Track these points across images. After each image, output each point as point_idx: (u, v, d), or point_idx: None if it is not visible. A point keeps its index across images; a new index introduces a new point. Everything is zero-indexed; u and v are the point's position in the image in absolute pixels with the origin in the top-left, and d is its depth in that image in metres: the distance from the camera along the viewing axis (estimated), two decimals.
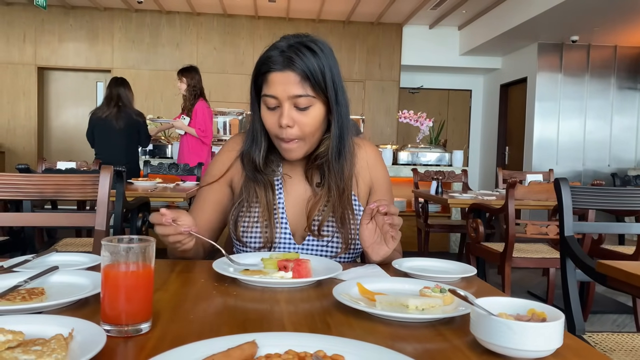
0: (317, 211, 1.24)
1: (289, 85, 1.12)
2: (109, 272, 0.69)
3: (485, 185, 8.96)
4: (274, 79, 1.14)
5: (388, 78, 8.24)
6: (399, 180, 5.34)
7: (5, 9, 7.64)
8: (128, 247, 0.69)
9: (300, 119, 1.15)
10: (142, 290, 0.70)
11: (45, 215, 1.53)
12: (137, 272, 0.69)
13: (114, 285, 0.69)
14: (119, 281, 0.69)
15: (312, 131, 1.17)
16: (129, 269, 0.69)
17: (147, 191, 3.20)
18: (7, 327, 0.61)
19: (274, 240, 1.22)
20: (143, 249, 0.70)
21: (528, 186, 2.99)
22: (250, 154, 1.25)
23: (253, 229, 1.23)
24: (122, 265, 0.69)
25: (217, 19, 7.95)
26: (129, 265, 0.69)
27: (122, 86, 4.30)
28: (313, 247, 1.24)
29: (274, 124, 1.16)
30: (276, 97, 1.14)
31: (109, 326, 0.68)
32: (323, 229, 1.23)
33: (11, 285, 0.84)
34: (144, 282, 0.70)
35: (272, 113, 1.16)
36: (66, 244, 2.80)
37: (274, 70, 1.13)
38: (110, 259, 0.69)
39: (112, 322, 0.68)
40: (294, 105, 1.14)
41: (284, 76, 1.13)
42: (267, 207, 1.23)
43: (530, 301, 0.73)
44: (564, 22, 6.37)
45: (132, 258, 0.69)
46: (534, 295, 3.84)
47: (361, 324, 0.76)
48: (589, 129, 7.61)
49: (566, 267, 1.68)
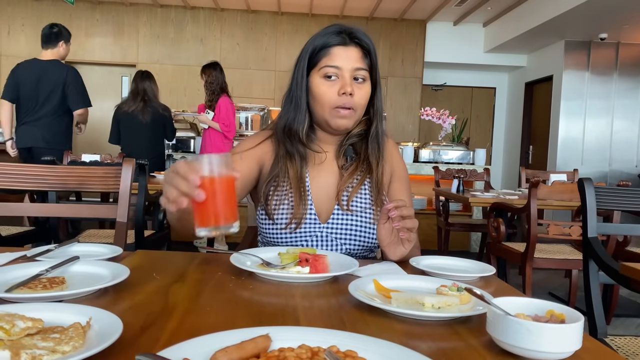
0: (345, 187, 1.30)
1: (353, 59, 1.25)
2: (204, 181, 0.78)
3: (508, 185, 8.84)
4: (337, 52, 1.25)
5: (411, 75, 8.18)
6: (420, 178, 5.31)
7: (35, 4, 7.80)
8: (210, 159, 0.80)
9: (357, 90, 1.24)
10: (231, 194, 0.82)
11: (69, 206, 1.56)
12: (228, 179, 0.81)
13: (211, 191, 0.79)
14: (215, 187, 0.79)
15: (364, 104, 1.28)
16: (222, 176, 0.80)
17: None
18: (27, 315, 0.62)
19: (302, 220, 1.25)
20: (226, 160, 0.81)
21: (551, 186, 2.94)
22: (293, 126, 1.30)
23: (282, 205, 1.27)
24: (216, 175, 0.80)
25: (241, 14, 7.98)
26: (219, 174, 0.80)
27: (148, 80, 4.31)
28: (337, 225, 1.27)
29: (333, 93, 1.24)
30: (339, 67, 1.24)
31: (206, 230, 0.80)
32: (352, 204, 1.28)
33: (33, 274, 0.86)
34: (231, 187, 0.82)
35: (330, 83, 1.25)
36: (89, 235, 2.85)
37: (338, 45, 1.25)
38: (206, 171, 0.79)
39: (208, 225, 0.80)
40: (353, 77, 1.25)
41: (348, 50, 1.25)
42: (299, 182, 1.28)
43: (550, 302, 0.71)
44: (592, 19, 6.24)
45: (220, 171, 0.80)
46: (555, 296, 3.79)
47: (376, 320, 0.76)
48: (616, 129, 7.45)
49: (589, 269, 1.65)
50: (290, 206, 1.26)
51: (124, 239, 1.43)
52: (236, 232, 0.83)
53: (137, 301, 0.81)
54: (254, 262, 1.04)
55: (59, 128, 3.93)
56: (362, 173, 1.32)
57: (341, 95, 1.23)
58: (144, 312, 0.75)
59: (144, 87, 4.26)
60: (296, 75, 1.30)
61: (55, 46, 4.00)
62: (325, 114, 1.27)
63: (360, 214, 1.28)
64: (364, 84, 1.26)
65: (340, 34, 1.26)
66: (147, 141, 4.31)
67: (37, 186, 1.55)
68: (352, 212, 1.28)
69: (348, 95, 1.22)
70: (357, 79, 1.25)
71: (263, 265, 1.01)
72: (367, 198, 1.30)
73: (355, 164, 1.33)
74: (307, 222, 1.27)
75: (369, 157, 1.33)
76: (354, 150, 1.35)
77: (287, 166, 1.30)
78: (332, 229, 1.27)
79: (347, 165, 1.33)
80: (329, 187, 1.32)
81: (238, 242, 1.42)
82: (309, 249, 1.10)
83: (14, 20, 7.82)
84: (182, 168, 0.80)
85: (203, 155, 0.81)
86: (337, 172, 1.33)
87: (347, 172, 1.32)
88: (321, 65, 1.25)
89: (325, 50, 1.26)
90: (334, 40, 1.25)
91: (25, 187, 1.54)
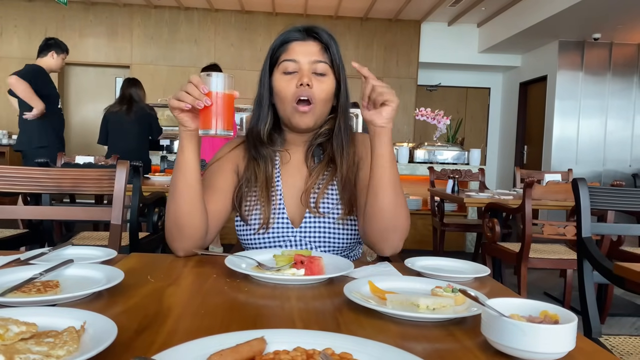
0: (313, 188, 1.28)
1: (310, 52, 1.24)
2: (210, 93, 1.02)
3: (503, 185, 8.87)
4: (295, 47, 1.25)
5: (405, 75, 8.19)
6: (415, 179, 5.32)
7: (27, 5, 7.76)
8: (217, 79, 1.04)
9: (316, 83, 1.23)
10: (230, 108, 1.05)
11: (63, 209, 1.55)
12: (228, 95, 1.05)
13: (215, 102, 1.02)
14: (218, 99, 1.02)
15: (324, 97, 1.25)
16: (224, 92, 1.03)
17: (163, 186, 3.23)
18: (21, 319, 0.62)
19: (270, 220, 1.25)
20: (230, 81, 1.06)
21: (546, 186, 2.95)
22: (255, 127, 1.31)
23: (255, 209, 1.27)
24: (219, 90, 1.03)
25: (235, 15, 7.97)
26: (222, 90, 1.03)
27: (134, 86, 4.57)
28: (309, 229, 1.26)
29: (291, 87, 1.23)
30: (297, 60, 1.24)
31: (207, 132, 1.02)
32: (321, 206, 1.26)
33: (27, 278, 0.85)
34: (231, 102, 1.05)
35: (289, 77, 1.24)
36: (83, 237, 2.83)
37: (296, 40, 1.26)
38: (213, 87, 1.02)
39: (210, 128, 1.01)
40: (312, 71, 1.24)
41: (306, 44, 1.26)
42: (266, 184, 1.27)
43: (544, 303, 0.72)
44: (586, 19, 6.27)
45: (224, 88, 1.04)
46: (550, 296, 3.80)
47: (371, 322, 0.76)
48: (610, 129, 7.49)
49: (583, 268, 1.65)
50: (263, 209, 1.26)
51: (118, 242, 1.42)
52: (231, 136, 1.07)
53: (132, 304, 0.80)
54: (249, 264, 1.03)
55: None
56: (329, 173, 1.30)
57: (299, 87, 1.22)
58: (138, 315, 0.75)
59: (129, 93, 4.52)
60: (262, 76, 1.31)
61: (44, 55, 4.39)
62: (287, 111, 1.25)
63: (331, 216, 1.26)
64: (325, 78, 1.25)
65: (298, 30, 1.27)
66: (134, 139, 4.50)
67: (31, 188, 1.54)
68: (323, 215, 1.26)
69: (305, 86, 1.21)
70: (317, 73, 1.24)
71: (258, 267, 1.01)
72: (336, 198, 1.28)
73: (323, 164, 1.30)
74: (279, 226, 1.26)
75: (334, 156, 1.31)
76: (323, 150, 1.33)
77: (255, 169, 1.29)
78: (304, 232, 1.26)
79: (314, 166, 1.31)
80: (299, 189, 1.30)
81: (233, 243, 1.42)
82: (304, 250, 1.09)
83: (6, 21, 7.78)
84: (195, 79, 1.03)
85: (212, 73, 1.03)
86: (307, 174, 1.31)
87: (314, 172, 1.29)
88: (280, 61, 1.26)
89: (284, 46, 1.27)
90: (292, 37, 1.27)
91: (19, 189, 1.53)
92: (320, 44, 1.26)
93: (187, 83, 1.03)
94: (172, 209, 1.16)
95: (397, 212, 1.15)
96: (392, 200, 1.13)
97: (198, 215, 1.17)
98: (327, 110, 1.29)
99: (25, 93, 4.12)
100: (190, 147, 1.13)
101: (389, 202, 1.13)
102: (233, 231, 1.33)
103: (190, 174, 1.14)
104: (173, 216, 1.16)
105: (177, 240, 1.16)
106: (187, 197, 1.15)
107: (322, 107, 1.26)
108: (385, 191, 1.13)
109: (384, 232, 1.16)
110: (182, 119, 1.08)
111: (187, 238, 1.16)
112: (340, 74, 1.29)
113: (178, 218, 1.15)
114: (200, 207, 1.17)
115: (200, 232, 1.18)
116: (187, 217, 1.15)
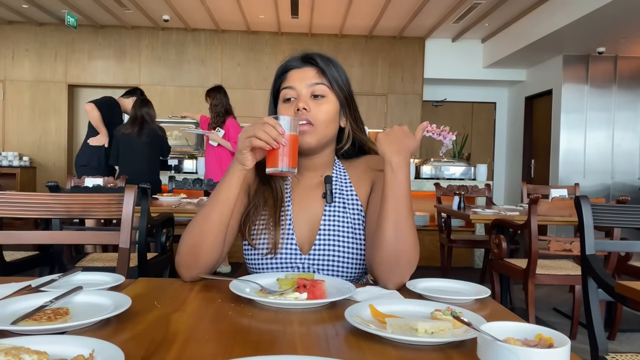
0: (325, 221, 1.27)
1: (307, 77, 1.27)
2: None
3: (511, 199, 8.85)
4: (293, 75, 1.29)
5: (411, 91, 8.25)
6: (421, 195, 5.33)
7: (38, 29, 7.93)
8: (287, 121, 1.12)
9: (315, 106, 1.25)
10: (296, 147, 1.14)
11: (73, 233, 1.59)
12: (295, 135, 1.13)
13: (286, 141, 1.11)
14: (288, 140, 1.11)
15: (325, 120, 1.26)
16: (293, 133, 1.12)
17: (171, 207, 3.27)
18: (32, 347, 0.65)
19: (278, 245, 1.25)
20: (296, 123, 1.14)
21: (551, 202, 2.96)
22: None
23: (262, 234, 1.27)
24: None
25: (241, 35, 8.09)
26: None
27: (146, 107, 4.66)
28: (318, 257, 1.25)
29: (290, 113, 1.25)
30: (294, 87, 1.27)
31: (275, 170, 1.11)
32: (331, 240, 1.26)
33: (38, 305, 0.88)
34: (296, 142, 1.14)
35: (289, 105, 1.27)
36: (93, 259, 2.87)
37: (293, 68, 1.30)
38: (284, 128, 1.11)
39: (278, 166, 1.10)
40: (310, 94, 1.27)
41: (302, 71, 1.29)
42: (274, 211, 1.27)
43: (539, 326, 0.73)
44: (590, 33, 6.30)
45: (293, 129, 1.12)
46: (560, 312, 3.77)
47: (371, 346, 0.78)
48: (617, 141, 7.48)
49: (588, 286, 1.66)
50: (271, 234, 1.26)
51: (126, 266, 1.45)
52: (295, 173, 1.15)
53: (139, 331, 0.83)
54: (253, 288, 1.06)
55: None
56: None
57: (296, 112, 1.24)
58: (145, 341, 0.77)
59: (142, 114, 4.59)
60: (269, 106, 1.36)
61: (127, 97, 4.98)
62: None
63: (343, 245, 1.26)
64: (324, 99, 1.27)
65: (296, 59, 1.31)
66: (145, 160, 4.57)
67: (41, 214, 1.58)
68: (334, 244, 1.25)
69: (302, 110, 1.23)
70: (316, 95, 1.27)
71: (262, 291, 1.03)
72: (348, 225, 1.28)
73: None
74: (287, 251, 1.25)
75: None
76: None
77: (265, 193, 1.30)
78: (313, 260, 1.25)
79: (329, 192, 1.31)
80: (311, 215, 1.30)
81: (241, 262, 1.44)
82: (307, 274, 1.11)
83: (17, 45, 7.95)
84: (271, 121, 1.09)
85: (280, 116, 1.11)
86: (322, 201, 1.31)
87: (328, 203, 1.29)
88: (281, 89, 1.30)
89: (283, 75, 1.31)
90: (290, 65, 1.30)
91: (30, 215, 1.57)
92: (317, 68, 1.28)
93: (263, 123, 1.08)
94: (194, 237, 1.16)
95: (399, 244, 1.13)
96: (394, 231, 1.13)
97: (219, 249, 1.19)
98: (331, 131, 1.30)
99: (96, 121, 4.74)
100: (238, 185, 1.16)
101: (392, 234, 1.13)
102: (241, 249, 1.34)
103: (227, 210, 1.17)
104: (193, 244, 1.16)
105: (190, 268, 1.16)
106: (217, 230, 1.16)
107: (324, 129, 1.27)
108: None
109: (387, 263, 1.14)
110: (246, 157, 1.13)
111: (201, 267, 1.17)
112: (344, 95, 1.31)
113: (199, 247, 1.16)
114: (222, 242, 1.19)
115: (215, 265, 1.21)
116: (209, 249, 1.16)
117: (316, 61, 1.29)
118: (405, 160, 1.15)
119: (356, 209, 1.30)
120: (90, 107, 4.73)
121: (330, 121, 1.28)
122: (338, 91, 1.29)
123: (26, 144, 7.97)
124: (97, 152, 4.74)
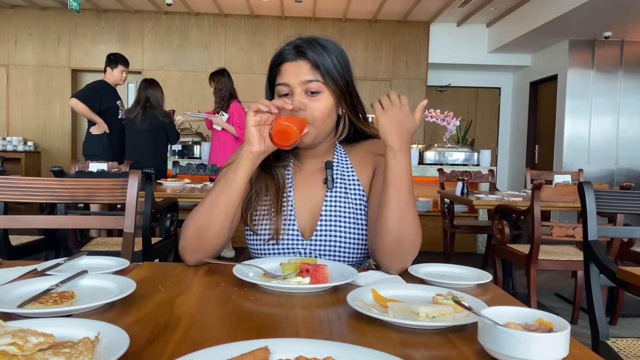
0: (326, 207, 1.28)
1: (301, 73, 1.23)
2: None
3: (514, 185, 8.84)
4: (286, 69, 1.25)
5: (415, 76, 8.20)
6: (424, 180, 5.33)
7: (40, 13, 7.89)
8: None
9: (310, 104, 1.23)
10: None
11: (78, 218, 1.60)
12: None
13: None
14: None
15: (321, 116, 1.25)
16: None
17: (175, 192, 3.28)
18: (39, 330, 0.66)
19: (280, 232, 1.26)
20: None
21: (554, 188, 2.95)
22: None
23: (264, 220, 1.28)
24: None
25: (245, 19, 8.04)
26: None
27: (151, 87, 4.48)
28: (320, 242, 1.26)
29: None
30: (288, 84, 1.24)
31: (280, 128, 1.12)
32: (332, 225, 1.26)
33: (44, 289, 0.89)
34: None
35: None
36: (97, 244, 2.89)
37: (286, 61, 1.25)
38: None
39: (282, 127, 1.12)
40: (305, 91, 1.24)
41: (296, 65, 1.24)
42: (276, 198, 1.28)
43: (539, 311, 0.74)
44: (596, 18, 6.24)
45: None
46: (562, 297, 3.79)
47: (373, 330, 0.79)
48: (622, 127, 7.43)
49: (590, 271, 1.67)
50: (272, 220, 1.27)
51: (130, 250, 1.46)
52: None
53: (144, 314, 0.84)
54: (257, 272, 1.07)
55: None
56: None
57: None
58: (149, 325, 0.78)
59: (146, 95, 4.44)
60: (265, 94, 1.35)
61: (105, 72, 4.78)
62: None
63: (344, 230, 1.26)
64: (319, 95, 1.24)
65: (290, 48, 1.26)
66: (148, 147, 4.47)
67: (46, 199, 1.59)
68: (335, 229, 1.26)
69: (298, 111, 1.21)
70: (311, 92, 1.23)
71: (265, 275, 1.04)
72: (350, 210, 1.28)
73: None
74: (289, 238, 1.26)
75: None
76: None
77: (267, 180, 1.30)
78: (315, 246, 1.26)
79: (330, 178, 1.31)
80: (312, 201, 1.30)
81: (244, 246, 1.45)
82: (309, 258, 1.12)
83: (20, 29, 7.92)
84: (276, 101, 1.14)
85: None
86: (323, 187, 1.31)
87: (329, 189, 1.30)
88: (276, 83, 1.27)
89: (277, 67, 1.27)
90: (284, 57, 1.26)
91: (35, 200, 1.58)
92: (310, 61, 1.23)
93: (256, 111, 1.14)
94: (201, 221, 1.17)
95: (402, 231, 1.13)
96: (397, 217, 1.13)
97: (226, 234, 1.19)
98: (328, 125, 1.29)
99: (84, 114, 4.58)
100: (247, 169, 1.16)
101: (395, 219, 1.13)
102: (245, 234, 1.35)
103: (236, 195, 1.16)
104: (200, 228, 1.16)
105: (195, 252, 1.17)
106: (224, 215, 1.16)
107: (321, 124, 1.26)
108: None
109: (390, 250, 1.14)
110: (252, 134, 1.14)
111: (206, 251, 1.17)
112: (340, 87, 1.26)
113: (205, 231, 1.16)
114: (229, 227, 1.20)
115: (220, 249, 1.21)
116: (215, 234, 1.17)
117: (308, 55, 1.23)
118: (407, 144, 1.14)
119: (358, 194, 1.31)
120: (74, 102, 4.49)
121: (327, 116, 1.26)
122: (333, 85, 1.25)
123: (30, 128, 7.98)
124: (102, 140, 4.62)
